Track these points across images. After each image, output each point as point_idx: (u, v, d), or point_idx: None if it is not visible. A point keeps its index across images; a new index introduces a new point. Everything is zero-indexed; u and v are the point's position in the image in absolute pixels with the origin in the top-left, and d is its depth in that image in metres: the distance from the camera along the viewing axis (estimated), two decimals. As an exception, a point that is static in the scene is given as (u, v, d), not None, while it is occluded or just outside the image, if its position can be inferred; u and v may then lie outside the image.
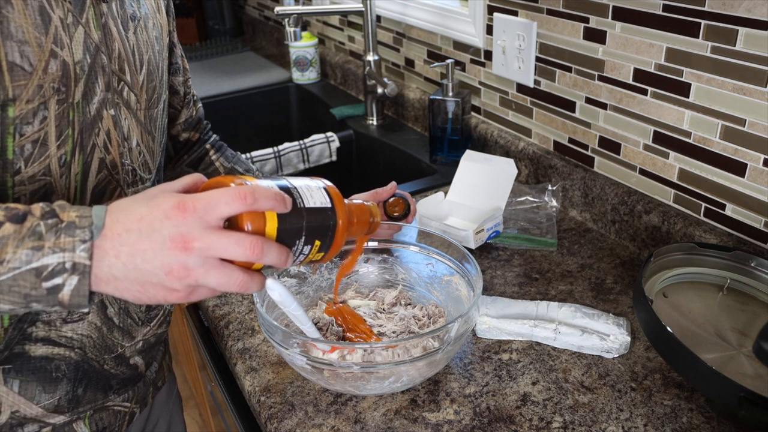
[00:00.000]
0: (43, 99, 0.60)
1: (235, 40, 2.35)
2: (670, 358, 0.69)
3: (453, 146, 1.28)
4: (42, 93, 0.59)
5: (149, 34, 0.73)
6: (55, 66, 0.60)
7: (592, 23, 1.00)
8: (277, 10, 1.45)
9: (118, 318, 0.74)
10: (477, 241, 0.99)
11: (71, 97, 0.62)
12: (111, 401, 0.76)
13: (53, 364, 0.69)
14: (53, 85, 0.60)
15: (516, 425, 0.70)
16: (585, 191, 1.08)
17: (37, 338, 0.68)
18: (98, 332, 0.72)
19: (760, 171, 0.84)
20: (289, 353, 0.70)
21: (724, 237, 0.89)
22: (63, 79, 0.61)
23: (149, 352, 0.81)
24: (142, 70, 0.71)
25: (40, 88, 0.59)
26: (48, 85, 0.59)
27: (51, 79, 0.60)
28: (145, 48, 0.72)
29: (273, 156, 1.47)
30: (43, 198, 0.62)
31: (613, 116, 1.02)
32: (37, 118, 0.60)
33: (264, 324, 0.72)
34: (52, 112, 0.61)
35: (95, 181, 0.67)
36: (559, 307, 0.84)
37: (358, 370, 0.69)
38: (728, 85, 0.84)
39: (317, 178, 0.63)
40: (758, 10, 0.78)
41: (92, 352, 0.72)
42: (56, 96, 0.60)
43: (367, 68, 1.51)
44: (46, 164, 0.62)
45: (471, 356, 0.80)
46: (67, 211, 0.51)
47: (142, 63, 0.71)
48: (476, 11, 1.24)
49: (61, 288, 0.50)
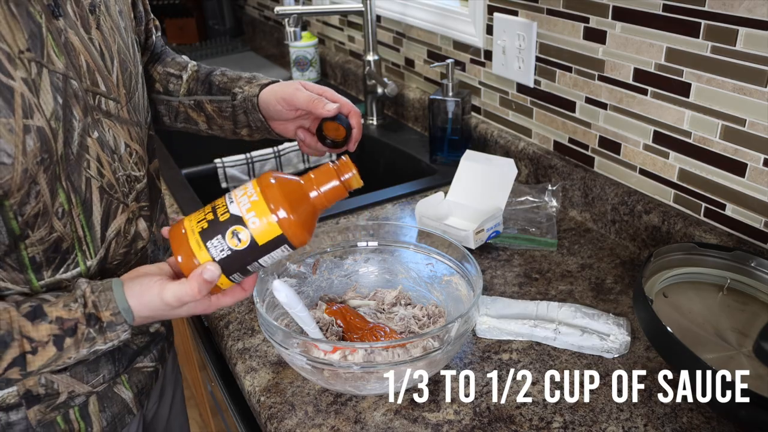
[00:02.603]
0: (32, 177, 0.60)
1: (235, 40, 2.36)
2: (670, 358, 0.69)
3: (453, 146, 1.28)
4: (29, 174, 0.59)
5: (113, 15, 0.71)
6: (32, 140, 0.59)
7: (592, 23, 1.00)
8: (277, 10, 1.45)
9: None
10: (477, 241, 0.99)
11: (55, 155, 0.62)
12: (139, 362, 0.79)
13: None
14: (36, 159, 0.59)
15: (516, 425, 0.70)
16: (585, 191, 1.08)
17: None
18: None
19: (760, 171, 0.84)
20: (289, 353, 0.70)
21: (724, 237, 0.89)
22: (43, 146, 0.60)
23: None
24: (114, 66, 0.70)
25: (26, 171, 0.59)
26: (31, 163, 0.59)
27: (33, 155, 0.59)
28: (112, 38, 0.70)
29: (273, 156, 1.47)
30: (55, 250, 0.66)
31: (613, 116, 1.02)
32: (31, 196, 0.61)
33: (264, 324, 0.72)
34: (43, 184, 0.61)
35: (100, 212, 0.68)
36: (559, 307, 0.84)
37: (358, 370, 0.69)
38: (728, 85, 0.84)
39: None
40: (758, 10, 0.78)
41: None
42: (42, 165, 0.60)
43: (367, 68, 1.51)
44: (49, 224, 0.64)
45: (471, 356, 0.80)
46: (102, 311, 0.62)
47: (113, 58, 0.69)
48: (476, 11, 1.24)
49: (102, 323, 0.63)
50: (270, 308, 0.78)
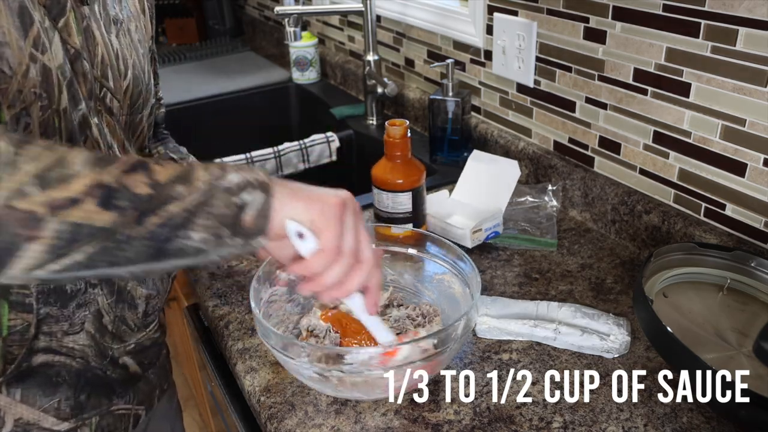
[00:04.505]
0: (24, 104, 0.57)
1: (235, 40, 2.35)
2: (670, 358, 0.69)
3: (453, 146, 1.28)
4: (22, 98, 0.57)
5: (132, 37, 0.71)
6: (35, 70, 0.57)
7: (592, 23, 1.00)
8: (277, 10, 1.45)
9: (113, 325, 0.74)
10: (474, 240, 0.99)
11: (55, 103, 0.59)
12: (115, 405, 0.76)
13: (53, 370, 0.69)
14: (34, 90, 0.57)
15: (516, 425, 0.70)
16: (585, 191, 1.08)
17: (38, 349, 0.67)
18: (93, 340, 0.72)
19: (760, 171, 0.84)
20: (295, 363, 0.69)
21: (724, 237, 0.89)
22: (44, 84, 0.58)
23: (143, 354, 0.80)
24: (127, 75, 0.69)
25: (20, 93, 0.56)
26: (28, 90, 0.57)
27: (32, 84, 0.57)
28: (128, 52, 0.70)
29: (273, 156, 1.47)
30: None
31: (613, 116, 1.02)
32: (20, 125, 0.57)
33: (263, 332, 0.71)
34: (35, 119, 0.58)
35: None
36: (559, 307, 0.84)
37: (366, 374, 0.68)
38: (728, 85, 0.84)
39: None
40: (758, 10, 0.78)
41: (94, 360, 0.72)
42: (38, 102, 0.58)
43: (367, 68, 1.51)
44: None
45: (471, 356, 0.80)
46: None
47: (127, 68, 0.69)
48: (476, 11, 1.24)
49: (247, 205, 0.52)
50: (265, 317, 0.77)
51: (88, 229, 0.46)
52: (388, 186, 0.96)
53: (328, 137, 1.52)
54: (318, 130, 1.56)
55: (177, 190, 0.50)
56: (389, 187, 0.96)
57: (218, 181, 0.51)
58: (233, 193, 0.51)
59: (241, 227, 0.52)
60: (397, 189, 0.96)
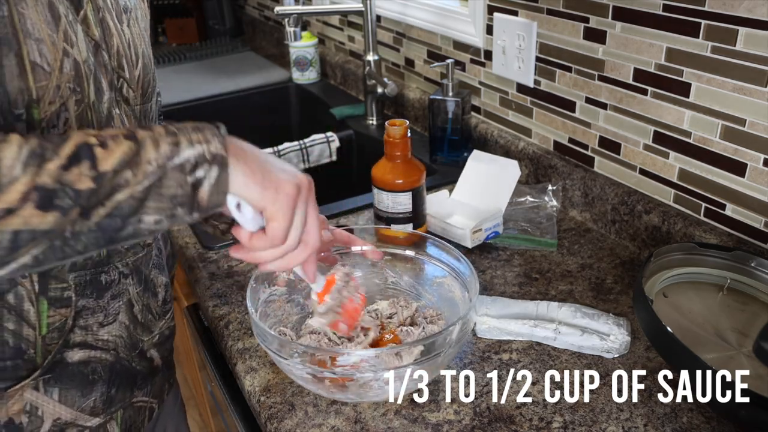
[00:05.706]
0: (63, 100, 0.57)
1: (235, 40, 2.35)
2: (670, 358, 0.69)
3: (453, 146, 1.28)
4: (60, 94, 0.57)
5: (140, 25, 0.72)
6: (69, 65, 0.58)
7: (592, 23, 1.00)
8: (277, 10, 1.45)
9: (141, 315, 0.74)
10: (474, 240, 0.99)
11: (86, 97, 0.60)
12: (135, 397, 0.76)
13: (90, 367, 0.69)
14: (69, 85, 0.58)
15: (516, 425, 0.70)
16: (585, 191, 1.08)
17: (74, 343, 0.67)
18: (127, 331, 0.72)
19: (760, 171, 0.84)
20: (288, 363, 0.69)
21: (724, 237, 0.89)
22: (77, 78, 0.59)
23: (163, 345, 0.81)
24: (138, 64, 0.70)
25: (59, 88, 0.57)
26: (65, 85, 0.57)
27: (66, 78, 0.58)
28: (138, 40, 0.70)
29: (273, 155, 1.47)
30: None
31: (613, 116, 1.02)
32: (60, 120, 0.58)
33: (259, 334, 0.71)
34: (72, 114, 0.59)
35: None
36: (559, 307, 0.84)
37: (361, 376, 0.68)
38: (728, 85, 0.84)
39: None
40: (758, 10, 0.78)
41: (123, 351, 0.73)
42: (74, 96, 0.58)
43: (367, 68, 1.51)
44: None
45: (471, 356, 0.80)
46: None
47: (138, 56, 0.70)
48: (476, 11, 1.24)
49: (202, 183, 0.51)
50: (263, 317, 0.77)
51: (30, 234, 0.46)
52: (388, 186, 0.96)
53: (328, 137, 1.52)
54: (318, 130, 1.56)
55: (124, 177, 0.48)
56: (389, 187, 0.96)
57: (170, 160, 0.50)
58: (186, 172, 0.51)
59: (198, 204, 0.52)
60: (397, 189, 0.96)
